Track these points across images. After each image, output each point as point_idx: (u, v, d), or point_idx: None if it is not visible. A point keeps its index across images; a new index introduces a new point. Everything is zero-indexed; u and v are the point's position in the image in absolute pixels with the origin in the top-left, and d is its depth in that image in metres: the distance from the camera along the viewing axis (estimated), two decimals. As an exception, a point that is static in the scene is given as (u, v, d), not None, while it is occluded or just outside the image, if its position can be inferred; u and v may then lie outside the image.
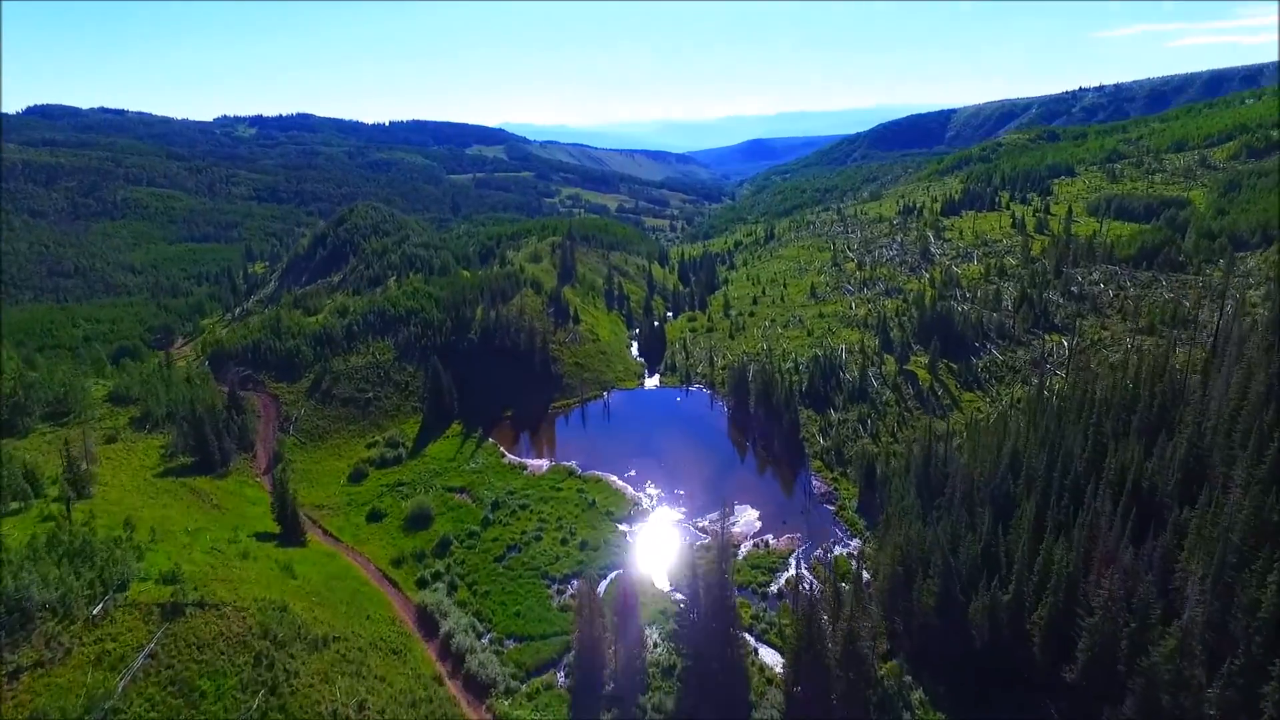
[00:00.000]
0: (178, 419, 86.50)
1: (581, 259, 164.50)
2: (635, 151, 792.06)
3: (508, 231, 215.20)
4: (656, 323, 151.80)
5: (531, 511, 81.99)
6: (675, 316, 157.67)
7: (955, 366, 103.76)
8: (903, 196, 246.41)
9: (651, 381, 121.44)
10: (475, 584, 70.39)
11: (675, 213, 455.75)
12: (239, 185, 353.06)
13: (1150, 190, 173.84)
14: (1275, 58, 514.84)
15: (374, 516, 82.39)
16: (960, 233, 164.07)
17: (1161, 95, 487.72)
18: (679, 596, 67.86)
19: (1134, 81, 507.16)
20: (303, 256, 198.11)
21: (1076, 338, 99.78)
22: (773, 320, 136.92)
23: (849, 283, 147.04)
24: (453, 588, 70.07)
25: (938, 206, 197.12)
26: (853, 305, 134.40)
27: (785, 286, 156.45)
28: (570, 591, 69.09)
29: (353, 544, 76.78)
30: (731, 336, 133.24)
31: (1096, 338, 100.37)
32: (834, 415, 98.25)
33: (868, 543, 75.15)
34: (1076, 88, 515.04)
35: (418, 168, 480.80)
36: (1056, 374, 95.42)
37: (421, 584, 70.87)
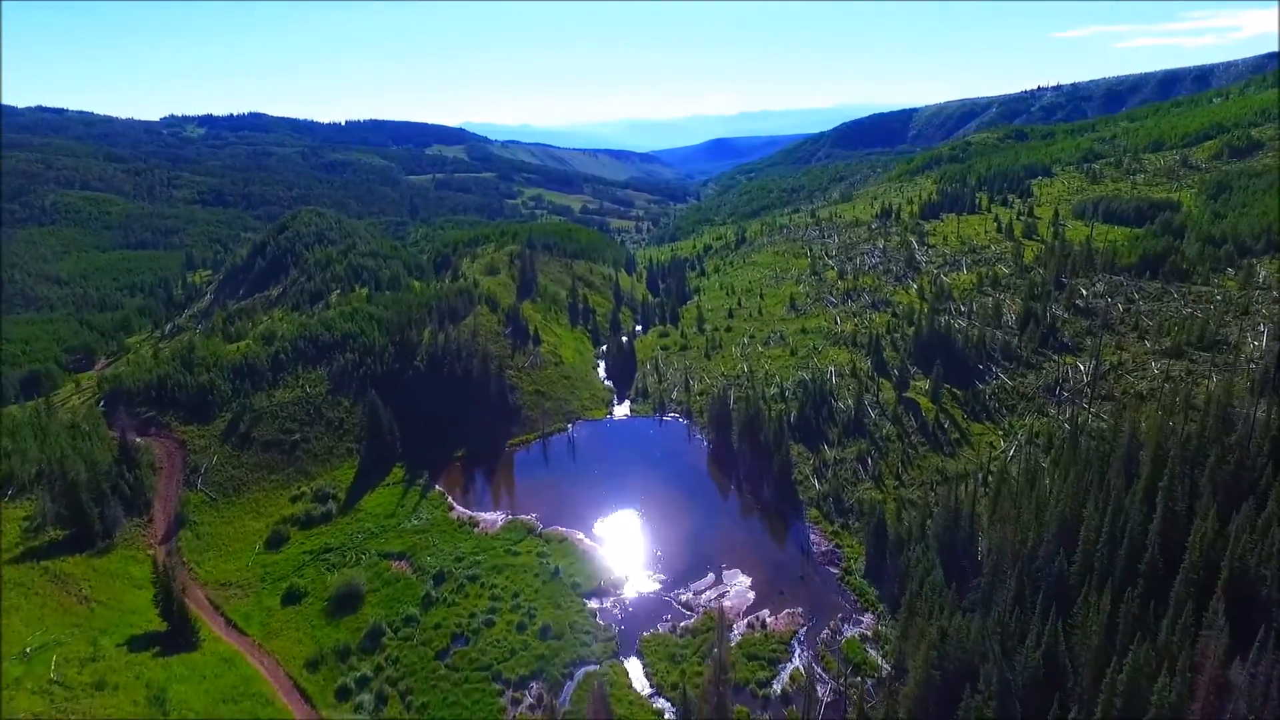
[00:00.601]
0: (46, 481, 70.28)
1: (543, 269, 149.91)
2: (599, 151, 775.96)
3: (465, 238, 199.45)
4: (625, 338, 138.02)
5: (483, 585, 67.77)
6: (645, 331, 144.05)
7: (960, 393, 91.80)
8: (875, 198, 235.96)
9: (621, 410, 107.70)
10: (411, 692, 56.07)
11: (640, 213, 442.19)
12: (182, 188, 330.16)
13: (1134, 192, 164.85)
14: (1220, 59, 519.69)
15: (292, 597, 67.37)
16: (944, 238, 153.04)
17: (1117, 94, 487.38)
18: (663, 705, 54.41)
19: (1090, 81, 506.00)
20: (240, 267, 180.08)
21: (1094, 361, 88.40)
22: (751, 336, 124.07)
23: (831, 293, 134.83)
24: (382, 700, 55.66)
25: (915, 209, 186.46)
26: (837, 320, 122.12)
27: (762, 297, 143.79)
28: (529, 699, 55.27)
29: (261, 638, 61.76)
30: (707, 356, 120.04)
31: (1116, 361, 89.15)
32: (829, 452, 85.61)
33: (883, 620, 62.44)
34: (1035, 87, 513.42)
35: (375, 169, 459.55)
36: (1078, 404, 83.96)
37: (343, 694, 56.38)
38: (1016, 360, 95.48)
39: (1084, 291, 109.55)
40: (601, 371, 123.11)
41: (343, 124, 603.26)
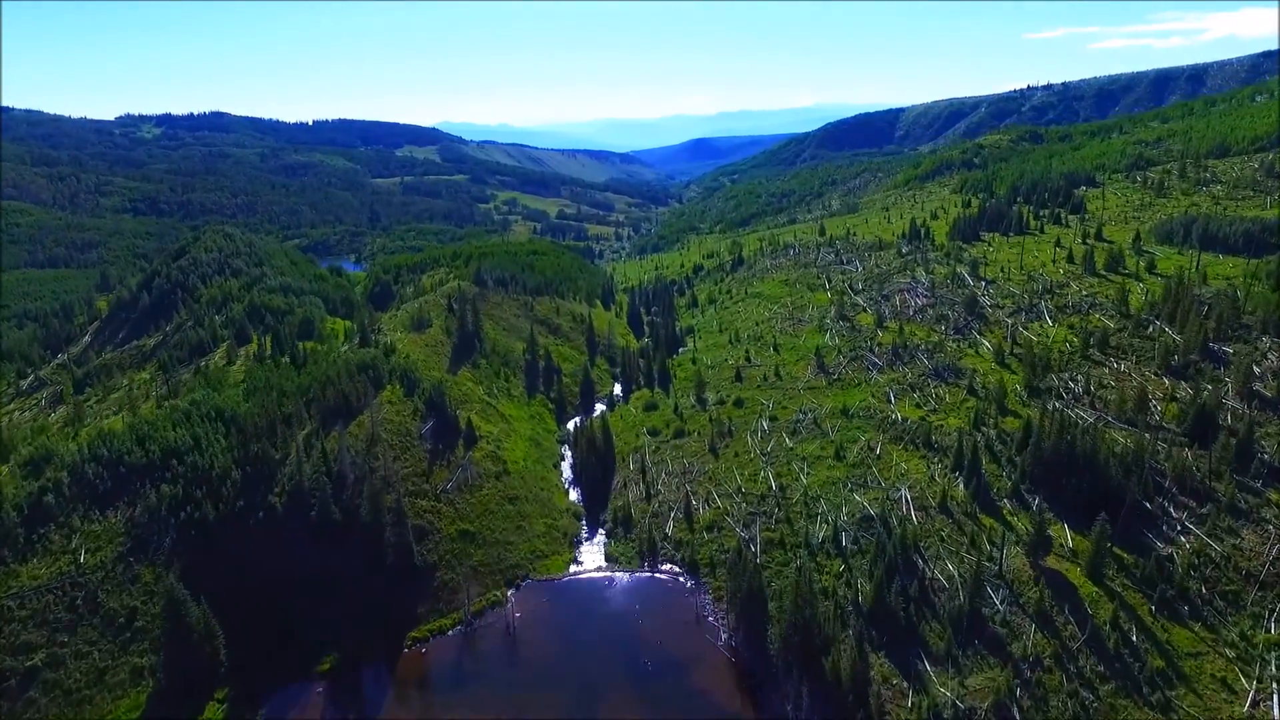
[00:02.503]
0: None
1: (492, 314, 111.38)
2: (577, 151, 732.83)
3: (411, 262, 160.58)
4: (601, 407, 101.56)
5: None
6: (626, 396, 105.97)
7: (1130, 561, 55.05)
8: (887, 209, 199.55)
9: (591, 553, 69.73)
10: None
11: (621, 218, 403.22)
12: (111, 195, 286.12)
13: (1219, 208, 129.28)
14: (1188, 61, 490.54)
15: None
16: (1002, 269, 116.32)
17: (1110, 94, 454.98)
18: None
19: (1081, 80, 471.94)
20: (126, 302, 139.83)
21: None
22: (773, 417, 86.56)
23: (872, 349, 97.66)
24: None
25: (946, 226, 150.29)
26: (890, 395, 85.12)
27: (777, 349, 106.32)
28: None
29: None
30: (713, 450, 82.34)
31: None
32: (937, 685, 48.45)
33: None
34: (1025, 86, 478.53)
35: (338, 171, 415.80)
36: (1368, 611, 47.57)
37: None
38: (1208, 497, 58.77)
39: (1254, 367, 73.28)
40: (566, 470, 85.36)
41: (310, 124, 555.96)
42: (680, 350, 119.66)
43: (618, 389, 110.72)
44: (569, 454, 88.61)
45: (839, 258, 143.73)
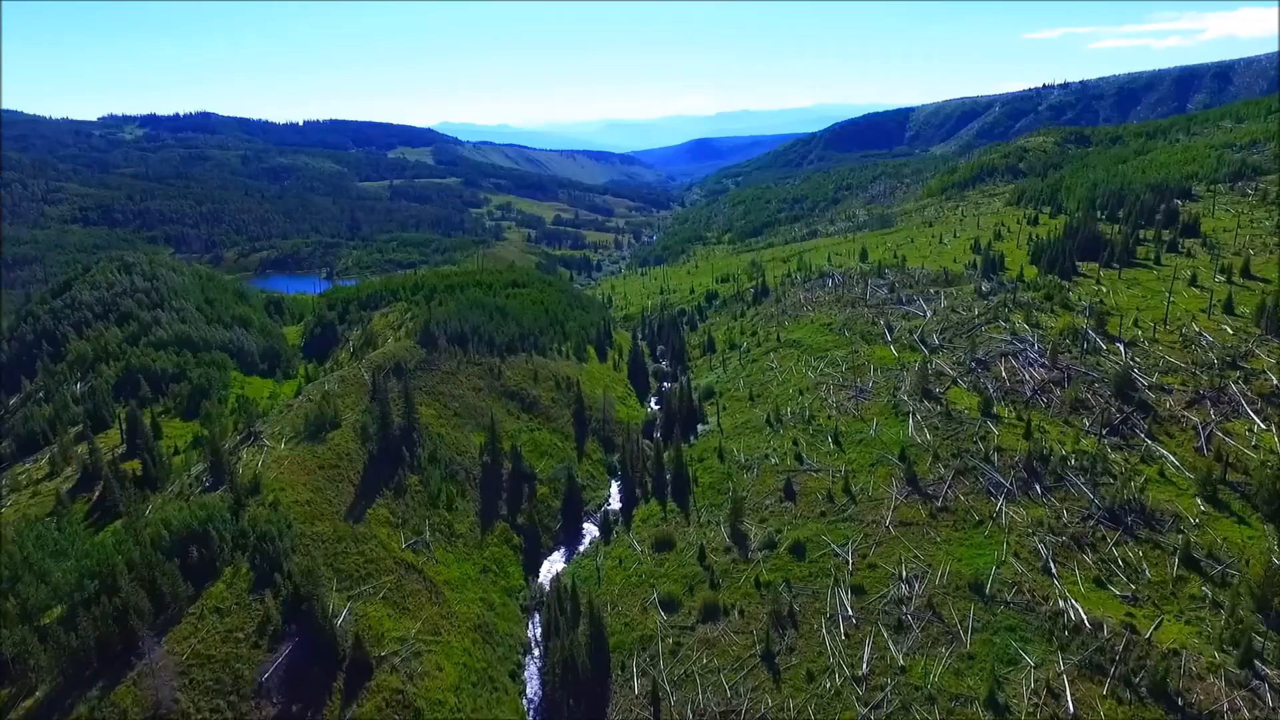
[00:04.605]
0: None
1: (440, 391, 77.40)
2: (577, 152, 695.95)
3: (364, 293, 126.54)
4: (591, 528, 68.78)
5: None
6: (627, 511, 71.83)
7: None
8: (932, 224, 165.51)
9: None
10: None
11: (621, 223, 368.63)
12: (60, 203, 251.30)
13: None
14: (1185, 61, 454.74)
15: None
16: (1136, 323, 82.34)
17: (1131, 93, 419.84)
18: None
19: (1100, 79, 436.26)
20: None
21: None
22: (857, 588, 52.88)
23: (989, 456, 63.76)
24: None
25: (1021, 252, 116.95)
26: (1046, 556, 51.53)
27: (839, 443, 72.34)
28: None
29: None
30: (769, 660, 48.65)
31: None
32: None
33: None
34: (1041, 85, 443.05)
35: (324, 175, 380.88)
36: None
37: None
38: None
39: None
40: (532, 672, 51.85)
41: (300, 125, 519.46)
42: (700, 429, 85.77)
43: (615, 494, 77.06)
44: (535, 647, 54.98)
45: (895, 293, 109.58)
